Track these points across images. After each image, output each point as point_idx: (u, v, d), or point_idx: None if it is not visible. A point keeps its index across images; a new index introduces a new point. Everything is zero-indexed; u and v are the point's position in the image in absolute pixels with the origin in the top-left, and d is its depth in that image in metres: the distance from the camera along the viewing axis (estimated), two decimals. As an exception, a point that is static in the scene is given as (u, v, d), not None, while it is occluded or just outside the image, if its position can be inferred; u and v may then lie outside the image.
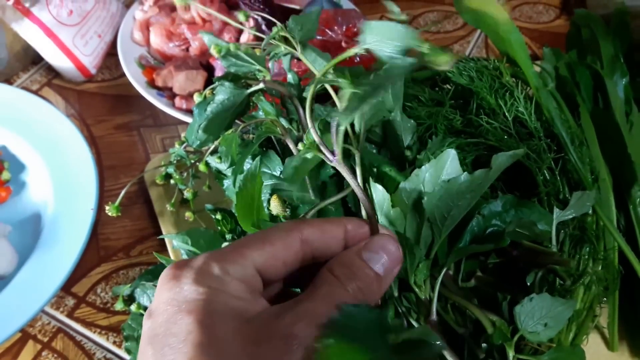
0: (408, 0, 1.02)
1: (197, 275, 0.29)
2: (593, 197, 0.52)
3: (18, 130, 0.69)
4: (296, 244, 0.32)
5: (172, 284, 0.29)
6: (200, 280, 0.29)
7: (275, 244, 0.31)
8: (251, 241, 0.31)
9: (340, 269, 0.31)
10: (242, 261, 0.30)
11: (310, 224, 0.33)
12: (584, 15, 0.87)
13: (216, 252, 0.31)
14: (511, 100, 0.55)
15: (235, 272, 0.29)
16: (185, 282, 0.29)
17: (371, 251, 0.33)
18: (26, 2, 0.72)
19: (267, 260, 0.31)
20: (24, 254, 0.59)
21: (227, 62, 0.52)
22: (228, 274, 0.29)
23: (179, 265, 0.30)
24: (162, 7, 0.80)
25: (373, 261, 0.32)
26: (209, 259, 0.30)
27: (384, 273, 0.32)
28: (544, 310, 0.44)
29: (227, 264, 0.29)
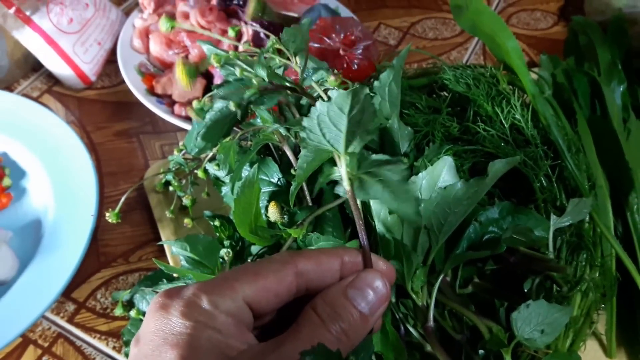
0: (406, 8, 1.02)
1: (185, 307, 0.29)
2: (590, 204, 0.53)
3: (19, 136, 0.70)
4: (290, 277, 0.31)
5: (160, 313, 0.29)
6: (189, 313, 0.29)
7: (268, 277, 0.31)
8: (243, 273, 0.31)
9: (323, 307, 0.31)
10: (232, 294, 0.30)
11: (306, 256, 0.33)
12: (582, 22, 0.87)
13: (207, 284, 0.30)
14: (508, 108, 0.56)
15: (225, 306, 0.29)
16: (174, 313, 0.29)
17: (357, 289, 0.32)
18: (27, 11, 0.73)
19: (259, 293, 0.30)
20: (25, 259, 0.60)
21: (225, 71, 0.53)
22: (217, 308, 0.29)
23: (169, 294, 0.30)
24: (162, 14, 0.80)
25: (358, 299, 0.31)
26: (199, 291, 0.30)
27: (369, 312, 0.32)
28: (541, 316, 0.45)
29: (217, 297, 0.29)
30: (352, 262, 0.34)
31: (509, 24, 1.02)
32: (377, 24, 0.99)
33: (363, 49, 0.72)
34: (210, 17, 0.75)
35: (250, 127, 0.54)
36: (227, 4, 0.77)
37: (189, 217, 0.59)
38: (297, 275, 0.32)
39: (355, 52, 0.71)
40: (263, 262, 0.32)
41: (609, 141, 0.65)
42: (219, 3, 0.78)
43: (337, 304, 0.31)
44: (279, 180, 0.51)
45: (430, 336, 0.45)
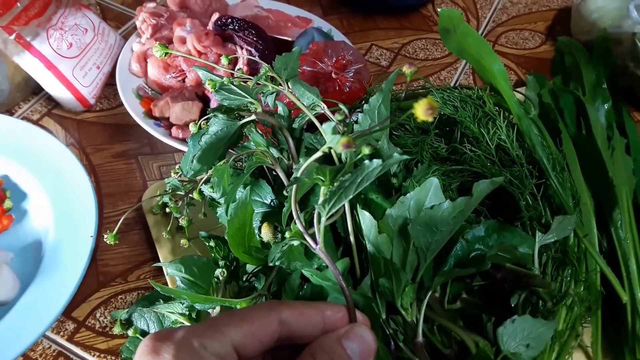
0: (397, 29, 1.05)
1: (176, 350, 0.30)
2: (574, 221, 0.55)
3: (19, 159, 0.71)
4: (274, 325, 0.33)
5: (151, 357, 0.30)
6: (180, 356, 0.30)
7: (254, 323, 0.33)
8: (230, 319, 0.33)
9: (322, 355, 0.33)
10: (221, 338, 0.31)
11: (290, 306, 0.34)
12: (567, 42, 0.90)
13: (197, 327, 0.32)
14: (494, 129, 0.58)
15: (213, 349, 0.31)
16: (165, 356, 0.30)
17: (351, 340, 0.34)
18: (27, 36, 0.75)
19: (245, 338, 0.32)
20: (26, 280, 0.61)
21: (220, 96, 0.55)
22: (206, 350, 0.30)
23: (159, 338, 0.31)
24: (159, 39, 0.82)
25: (351, 350, 0.34)
26: (188, 334, 0.31)
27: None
28: (526, 331, 0.46)
29: (207, 340, 0.31)
30: (334, 316, 0.36)
31: (497, 43, 1.05)
32: (369, 46, 1.01)
33: (354, 72, 0.74)
34: (207, 42, 0.77)
35: (244, 150, 0.55)
36: (223, 29, 0.80)
37: (185, 238, 0.61)
38: (280, 324, 0.34)
39: (347, 75, 0.74)
40: (249, 308, 0.34)
41: (593, 159, 0.67)
42: (215, 28, 0.80)
43: (335, 352, 0.33)
44: (272, 202, 0.52)
45: (420, 351, 0.46)
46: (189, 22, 0.81)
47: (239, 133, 0.55)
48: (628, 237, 0.61)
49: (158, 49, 0.49)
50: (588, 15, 0.95)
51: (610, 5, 0.92)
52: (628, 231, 0.62)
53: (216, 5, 0.91)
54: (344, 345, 0.34)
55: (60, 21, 0.79)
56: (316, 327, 0.35)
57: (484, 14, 1.12)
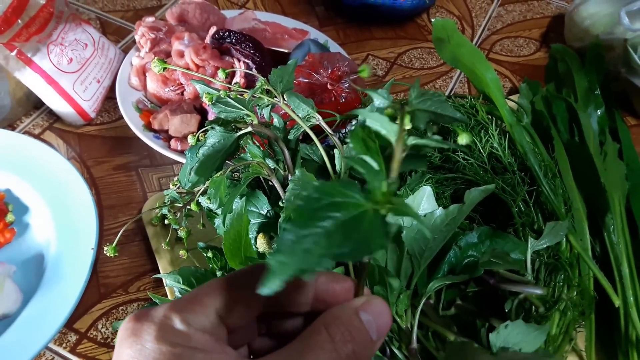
0: (393, 39, 1.06)
1: (158, 331, 0.27)
2: (565, 226, 0.56)
3: (21, 174, 0.73)
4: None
5: (132, 340, 0.27)
6: (163, 336, 0.27)
7: (239, 288, 0.30)
8: (213, 287, 0.30)
9: (337, 327, 0.29)
10: (204, 310, 0.29)
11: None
12: (560, 50, 0.91)
13: (177, 302, 0.29)
14: (486, 137, 0.59)
15: (198, 323, 0.28)
16: (147, 339, 0.27)
17: (369, 313, 0.30)
18: (28, 52, 0.76)
19: (230, 306, 0.30)
20: (28, 293, 0.62)
21: (217, 109, 0.56)
22: (191, 326, 0.28)
23: (138, 318, 0.28)
24: (158, 53, 0.84)
25: (368, 323, 0.30)
26: (169, 311, 0.28)
27: (376, 338, 0.30)
28: (519, 336, 0.47)
29: (189, 315, 0.28)
30: (328, 284, 0.32)
31: (492, 51, 1.06)
32: (365, 56, 1.03)
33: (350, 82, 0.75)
34: (204, 56, 0.79)
35: (241, 162, 0.57)
36: (220, 43, 0.81)
37: (184, 248, 0.62)
38: None
39: (342, 85, 0.75)
40: (232, 274, 0.32)
41: (585, 165, 0.68)
42: (213, 41, 0.82)
43: (352, 325, 0.29)
44: (269, 212, 0.53)
45: (414, 357, 0.47)
46: (186, 35, 0.82)
47: (236, 145, 0.56)
48: (620, 242, 0.62)
49: (156, 64, 0.50)
50: (581, 22, 0.97)
51: (602, 12, 0.93)
52: (620, 236, 0.62)
53: (214, 19, 0.92)
54: (363, 318, 0.30)
55: (60, 37, 0.80)
56: (306, 294, 0.32)
57: (479, 22, 1.13)
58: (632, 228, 0.65)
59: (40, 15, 0.76)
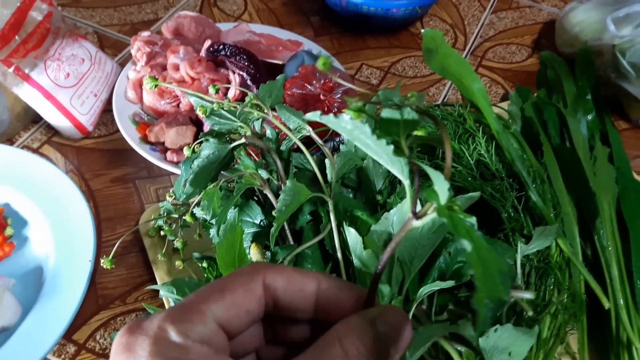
0: (386, 48, 1.07)
1: (153, 345, 0.25)
2: (554, 231, 0.56)
3: (20, 188, 0.74)
4: (258, 290, 0.29)
5: (126, 356, 0.25)
6: (158, 350, 0.25)
7: (237, 291, 0.28)
8: (210, 292, 0.28)
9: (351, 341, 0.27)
10: (201, 319, 0.27)
11: (276, 269, 0.30)
12: (549, 57, 0.92)
13: (173, 311, 0.27)
14: (474, 145, 0.60)
15: (196, 334, 0.26)
16: (141, 354, 0.25)
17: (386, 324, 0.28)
18: (26, 68, 0.78)
19: (229, 310, 0.28)
20: (27, 305, 0.63)
21: (211, 121, 0.57)
22: (188, 338, 0.26)
23: (132, 331, 0.26)
24: (154, 66, 0.85)
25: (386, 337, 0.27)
26: (164, 322, 0.26)
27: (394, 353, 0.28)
28: (508, 339, 0.48)
29: (186, 325, 0.26)
30: (331, 291, 0.30)
31: (485, 58, 1.07)
32: (359, 65, 1.04)
33: (342, 93, 0.76)
34: (199, 68, 0.80)
35: (235, 173, 0.58)
36: (215, 55, 0.82)
37: (180, 259, 0.63)
38: (265, 288, 0.29)
39: (334, 96, 0.76)
40: (230, 276, 0.29)
41: (575, 170, 0.69)
42: (208, 54, 0.83)
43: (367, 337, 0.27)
44: (262, 222, 0.54)
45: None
46: (182, 49, 0.83)
47: (230, 156, 0.57)
48: (610, 245, 0.63)
49: (148, 81, 0.51)
50: (570, 29, 0.98)
51: (590, 19, 0.95)
52: (610, 239, 0.63)
53: (209, 32, 0.94)
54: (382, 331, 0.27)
55: (57, 52, 0.81)
56: (307, 298, 0.30)
57: (471, 29, 1.14)
58: (623, 231, 0.66)
59: (38, 32, 0.77)
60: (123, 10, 1.12)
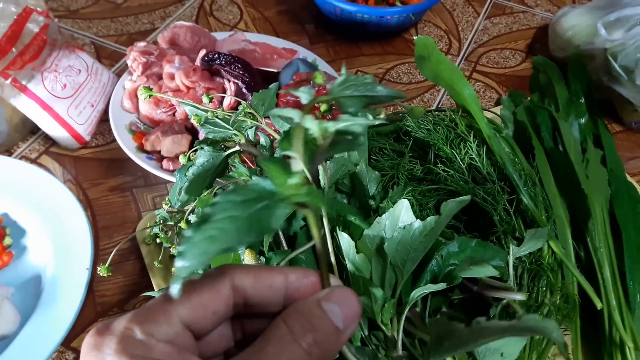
0: (381, 54, 1.08)
1: (119, 344, 0.27)
2: (546, 233, 0.57)
3: (18, 198, 0.75)
4: (226, 291, 0.30)
5: (93, 354, 0.27)
6: (123, 349, 0.26)
7: (202, 292, 0.29)
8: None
9: (295, 319, 0.29)
10: (167, 319, 0.28)
11: (244, 270, 0.31)
12: (541, 61, 0.93)
13: (139, 312, 0.28)
14: (465, 149, 0.60)
15: (161, 334, 0.27)
16: (108, 352, 0.26)
17: (332, 302, 0.30)
18: (23, 80, 0.79)
19: (195, 311, 0.29)
20: (26, 313, 0.64)
21: (205, 129, 0.58)
22: (152, 337, 0.27)
23: (100, 332, 0.28)
24: (150, 76, 0.86)
25: (333, 313, 0.29)
26: (130, 323, 0.27)
27: (342, 327, 0.30)
28: (500, 341, 0.49)
29: (151, 325, 0.27)
30: (299, 281, 0.32)
31: (479, 63, 1.08)
32: (354, 72, 1.05)
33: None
34: (194, 77, 0.81)
35: (229, 180, 0.58)
36: (210, 64, 0.83)
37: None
38: (233, 290, 0.30)
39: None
40: (197, 279, 0.30)
41: (567, 172, 0.69)
42: (203, 64, 0.84)
43: (312, 314, 0.29)
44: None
45: (399, 365, 0.49)
46: (177, 58, 0.84)
47: (225, 163, 0.58)
48: (602, 246, 0.63)
49: (142, 92, 0.52)
50: (563, 33, 0.99)
51: (582, 23, 0.96)
52: (602, 240, 0.64)
53: (204, 42, 0.95)
54: (325, 308, 0.29)
55: (54, 63, 0.82)
56: (277, 292, 0.31)
57: (465, 35, 1.15)
58: (616, 232, 0.67)
59: (34, 44, 0.78)
60: (120, 21, 1.13)
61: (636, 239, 0.66)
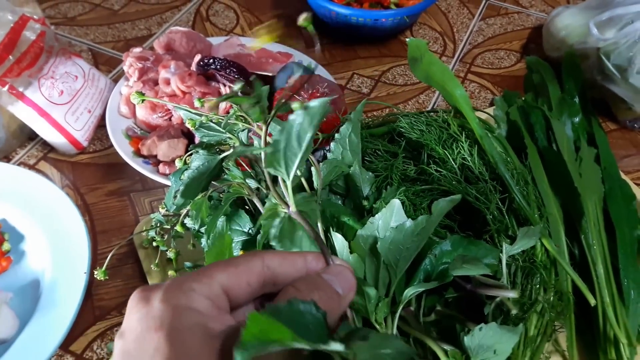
0: (377, 57, 1.09)
1: (165, 294, 0.31)
2: (538, 231, 0.58)
3: (17, 204, 0.75)
4: (259, 267, 0.34)
5: (141, 305, 0.31)
6: (169, 298, 0.30)
7: (239, 266, 0.34)
8: (217, 264, 0.34)
9: (302, 283, 0.34)
10: (209, 281, 0.32)
11: (273, 252, 0.36)
12: (534, 61, 0.94)
13: (184, 275, 0.33)
14: (457, 149, 0.61)
15: (202, 290, 0.31)
16: (154, 301, 0.30)
17: (331, 274, 0.35)
18: (20, 87, 0.79)
19: (232, 280, 0.33)
20: (25, 318, 0.64)
21: (200, 133, 0.59)
22: (194, 292, 0.31)
23: (147, 288, 0.32)
24: (146, 81, 0.87)
25: (333, 282, 0.35)
26: (176, 280, 0.32)
27: (342, 293, 0.35)
28: (493, 338, 0.49)
29: (194, 283, 0.31)
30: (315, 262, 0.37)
31: (474, 64, 1.09)
32: (350, 75, 1.05)
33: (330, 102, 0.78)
34: (190, 82, 0.82)
35: (224, 183, 0.59)
36: (206, 69, 0.84)
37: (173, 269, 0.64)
38: (264, 267, 0.34)
39: (323, 105, 0.77)
40: (234, 257, 0.36)
41: (560, 171, 0.70)
42: (198, 68, 0.85)
43: (315, 280, 0.34)
44: (251, 230, 0.56)
45: (394, 363, 0.49)
46: (173, 64, 0.85)
47: (220, 167, 0.59)
48: (595, 244, 0.64)
49: (135, 97, 0.53)
50: (557, 33, 0.99)
51: (575, 23, 0.96)
52: (596, 238, 0.64)
53: (200, 47, 0.95)
54: (325, 278, 0.35)
55: (51, 70, 0.83)
56: (299, 271, 0.36)
57: (460, 37, 1.16)
58: (610, 229, 0.67)
59: (31, 51, 0.79)
60: (117, 27, 1.14)
61: (630, 236, 0.66)
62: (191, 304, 0.30)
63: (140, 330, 0.30)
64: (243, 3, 1.22)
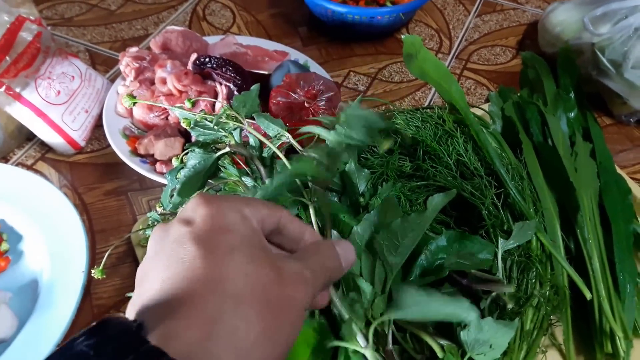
0: (373, 54, 1.09)
1: (224, 201, 0.36)
2: (534, 226, 0.58)
3: (15, 204, 0.75)
4: (279, 215, 0.40)
5: (203, 203, 0.36)
6: (226, 203, 0.36)
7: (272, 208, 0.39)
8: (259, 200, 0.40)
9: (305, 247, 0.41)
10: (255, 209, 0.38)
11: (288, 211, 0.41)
12: (529, 57, 0.94)
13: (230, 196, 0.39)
14: (453, 145, 0.61)
15: (254, 215, 0.37)
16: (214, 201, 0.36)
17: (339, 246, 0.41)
18: (17, 88, 0.79)
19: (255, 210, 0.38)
20: (23, 317, 0.64)
21: (196, 132, 0.59)
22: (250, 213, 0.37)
23: (208, 194, 0.37)
24: (142, 81, 0.87)
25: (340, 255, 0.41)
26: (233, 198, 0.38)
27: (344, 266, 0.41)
28: (489, 332, 0.49)
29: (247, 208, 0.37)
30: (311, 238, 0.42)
31: (470, 61, 1.09)
32: (347, 72, 1.06)
33: (326, 99, 0.78)
34: (186, 81, 0.82)
35: (221, 180, 0.59)
36: (202, 68, 0.84)
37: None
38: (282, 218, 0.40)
39: (319, 103, 0.78)
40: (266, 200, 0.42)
41: (555, 166, 0.70)
42: (194, 67, 0.85)
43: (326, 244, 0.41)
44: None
45: (391, 358, 0.49)
46: (169, 63, 0.85)
47: (216, 165, 0.59)
48: (591, 238, 0.64)
49: (126, 100, 0.53)
50: (552, 29, 1.00)
51: (570, 19, 0.96)
52: (591, 232, 0.65)
53: (196, 46, 0.96)
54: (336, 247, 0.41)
55: (48, 71, 0.83)
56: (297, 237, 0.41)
57: (456, 33, 1.16)
58: (606, 223, 0.68)
59: (28, 52, 0.79)
60: (114, 27, 1.14)
61: (625, 230, 0.66)
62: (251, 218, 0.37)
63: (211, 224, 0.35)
64: (239, 2, 1.22)
